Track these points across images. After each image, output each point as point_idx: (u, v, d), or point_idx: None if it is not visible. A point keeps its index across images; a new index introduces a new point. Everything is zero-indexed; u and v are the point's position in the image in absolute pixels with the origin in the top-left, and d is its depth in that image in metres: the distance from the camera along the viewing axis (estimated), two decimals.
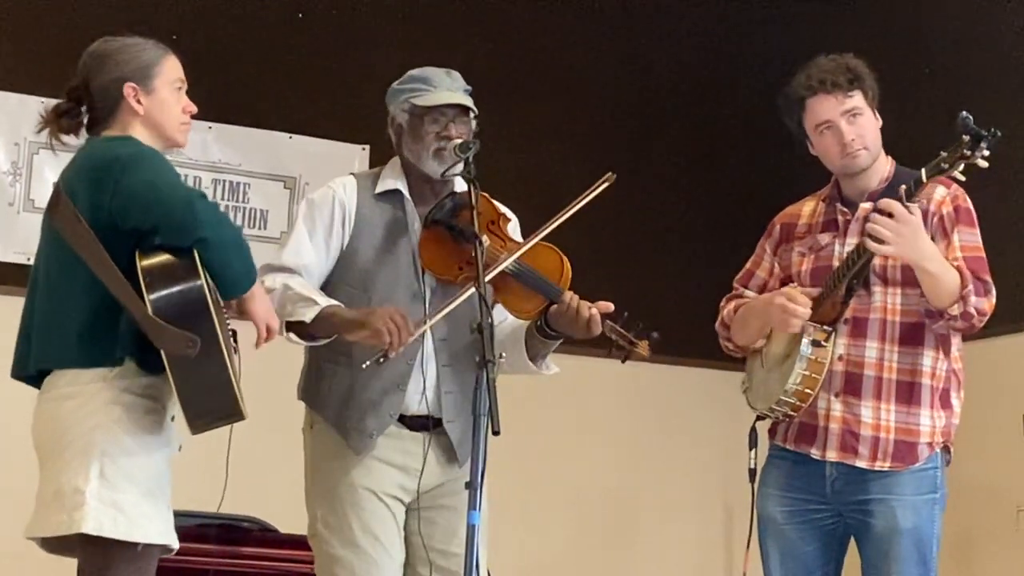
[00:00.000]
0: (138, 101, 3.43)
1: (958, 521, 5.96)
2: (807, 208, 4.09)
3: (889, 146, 4.02)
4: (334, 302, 3.77)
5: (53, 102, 3.50)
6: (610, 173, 3.85)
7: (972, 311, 3.72)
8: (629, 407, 6.68)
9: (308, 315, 3.72)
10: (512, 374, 3.87)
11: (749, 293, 4.11)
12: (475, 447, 3.32)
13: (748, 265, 4.18)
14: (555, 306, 3.79)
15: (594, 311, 3.77)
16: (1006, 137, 3.52)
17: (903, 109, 6.11)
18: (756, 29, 7.03)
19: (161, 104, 3.46)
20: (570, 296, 3.78)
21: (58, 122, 3.46)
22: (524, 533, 6.06)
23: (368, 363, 3.65)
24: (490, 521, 3.77)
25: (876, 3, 6.78)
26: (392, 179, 3.96)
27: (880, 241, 3.62)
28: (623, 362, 3.83)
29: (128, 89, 3.43)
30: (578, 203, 3.82)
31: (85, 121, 3.48)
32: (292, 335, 3.78)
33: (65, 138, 3.50)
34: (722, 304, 4.15)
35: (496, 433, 3.29)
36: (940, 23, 6.45)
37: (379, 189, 3.95)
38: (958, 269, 3.74)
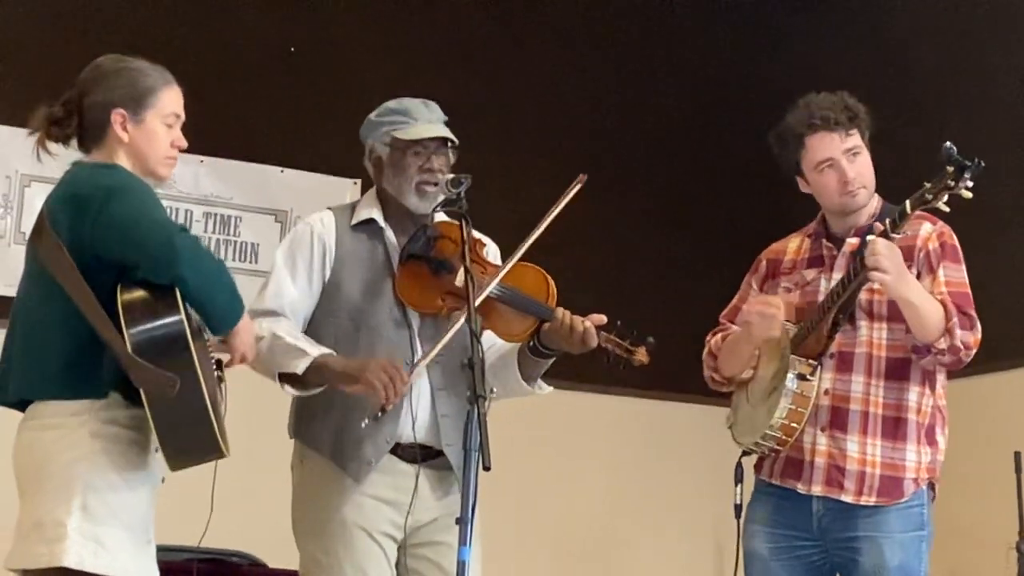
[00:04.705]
0: (124, 129, 3.38)
1: (949, 559, 5.97)
2: (793, 244, 4.10)
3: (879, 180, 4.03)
4: (325, 350, 3.75)
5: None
6: (582, 175, 3.82)
7: (959, 344, 3.72)
8: (618, 442, 6.67)
9: (300, 367, 3.70)
10: (505, 398, 3.85)
11: (735, 328, 4.11)
12: (465, 483, 3.30)
13: (735, 301, 4.18)
14: (547, 324, 3.78)
15: (588, 324, 3.76)
16: (993, 171, 3.53)
17: (891, 143, 6.15)
18: (747, 59, 7.06)
19: (148, 136, 3.40)
20: (562, 312, 3.77)
21: (49, 129, 3.41)
22: (513, 569, 6.03)
23: (367, 421, 3.63)
24: (480, 557, 3.76)
25: (864, 38, 6.82)
26: (368, 209, 3.95)
27: (884, 272, 3.62)
28: (622, 369, 3.81)
29: (116, 116, 3.37)
30: (554, 209, 3.80)
31: (76, 134, 3.43)
32: (287, 387, 3.77)
33: (58, 168, 3.47)
34: (708, 338, 4.15)
35: (487, 468, 3.27)
36: (926, 57, 6.48)
37: (355, 220, 3.93)
38: (942, 302, 3.75)
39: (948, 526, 5.96)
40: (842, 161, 3.88)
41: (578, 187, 3.82)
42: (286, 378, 3.75)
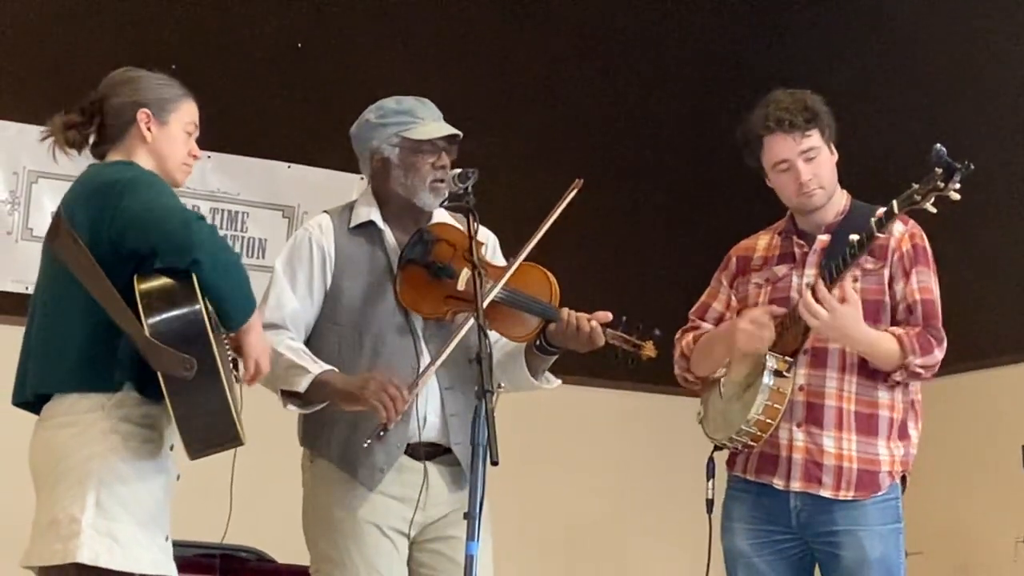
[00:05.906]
0: (148, 128, 3.43)
1: (957, 552, 5.98)
2: (762, 241, 4.12)
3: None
4: (326, 367, 3.72)
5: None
6: (577, 179, 3.81)
7: (917, 371, 3.81)
8: (621, 436, 6.67)
9: (302, 385, 3.68)
10: (514, 392, 3.85)
11: (706, 325, 4.12)
12: (473, 477, 3.31)
13: (704, 297, 4.19)
14: (553, 324, 3.78)
15: (594, 323, 3.76)
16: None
17: (896, 140, 6.16)
18: (753, 56, 7.06)
19: (170, 139, 3.46)
20: (567, 312, 3.77)
21: (65, 134, 3.44)
22: (517, 563, 6.03)
23: (369, 441, 3.63)
24: (490, 552, 3.76)
25: (866, 40, 6.82)
26: (367, 209, 3.92)
27: (813, 317, 3.71)
28: (631, 364, 3.82)
29: (142, 114, 3.42)
30: (552, 215, 3.80)
31: (92, 139, 3.46)
32: (290, 404, 3.76)
33: (65, 165, 3.50)
34: (678, 337, 4.15)
35: (495, 463, 3.28)
36: (925, 58, 6.49)
37: (354, 223, 3.90)
38: (898, 339, 3.80)
39: (956, 520, 5.98)
40: (797, 163, 3.90)
41: (574, 192, 3.82)
42: (288, 395, 3.73)
